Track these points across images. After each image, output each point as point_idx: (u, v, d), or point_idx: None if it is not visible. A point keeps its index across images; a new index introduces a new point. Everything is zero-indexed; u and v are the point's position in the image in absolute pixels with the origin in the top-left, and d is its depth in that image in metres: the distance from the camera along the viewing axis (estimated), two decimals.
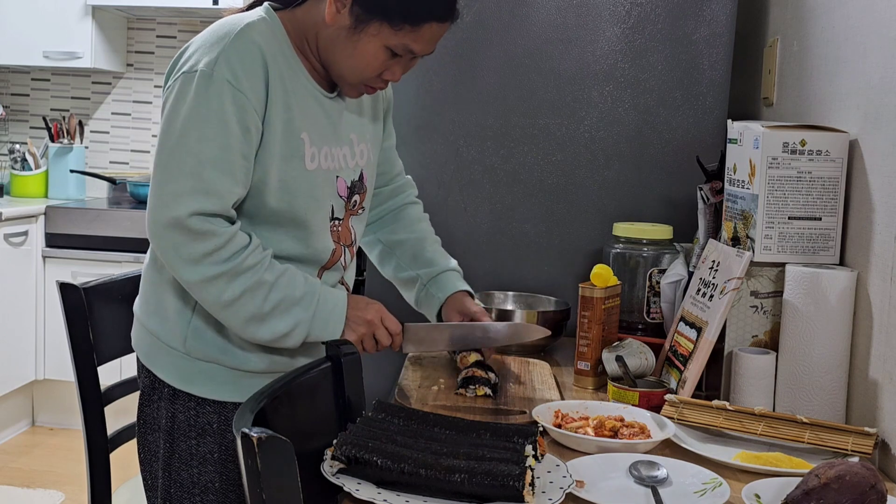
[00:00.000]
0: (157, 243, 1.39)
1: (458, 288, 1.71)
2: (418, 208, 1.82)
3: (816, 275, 1.46)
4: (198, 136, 1.36)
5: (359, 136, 1.59)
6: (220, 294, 1.39)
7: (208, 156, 1.36)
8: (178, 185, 1.36)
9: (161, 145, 1.39)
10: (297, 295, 1.43)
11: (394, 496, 1.08)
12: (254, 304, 1.40)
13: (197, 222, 1.35)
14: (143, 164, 4.41)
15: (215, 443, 1.50)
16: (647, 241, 1.95)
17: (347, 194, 1.56)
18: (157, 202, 1.38)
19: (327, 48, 1.46)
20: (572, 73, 2.15)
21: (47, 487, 3.28)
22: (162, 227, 1.37)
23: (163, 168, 1.38)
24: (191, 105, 1.36)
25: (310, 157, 1.47)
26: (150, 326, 1.52)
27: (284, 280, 1.42)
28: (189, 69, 1.38)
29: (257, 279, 1.39)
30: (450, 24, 1.46)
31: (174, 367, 1.50)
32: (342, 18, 1.42)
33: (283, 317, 1.42)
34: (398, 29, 1.40)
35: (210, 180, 1.36)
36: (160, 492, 1.53)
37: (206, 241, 1.36)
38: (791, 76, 1.95)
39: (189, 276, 1.38)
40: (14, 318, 3.67)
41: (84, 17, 3.97)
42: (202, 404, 1.50)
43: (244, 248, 1.39)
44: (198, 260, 1.37)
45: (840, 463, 1.08)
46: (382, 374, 2.03)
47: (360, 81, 1.48)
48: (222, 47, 1.37)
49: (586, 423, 1.40)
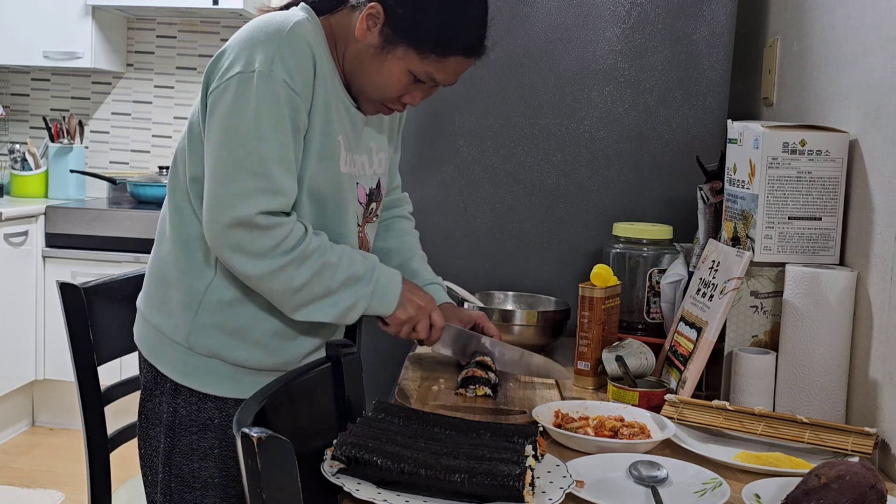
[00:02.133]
0: (220, 242, 1.39)
1: (443, 300, 1.73)
2: (410, 224, 1.84)
3: (816, 275, 1.46)
4: (260, 136, 1.37)
5: (378, 146, 1.61)
6: (291, 280, 1.42)
7: (272, 155, 1.37)
8: (245, 185, 1.37)
9: (221, 146, 1.38)
10: (359, 272, 1.47)
11: (394, 496, 1.08)
12: (322, 285, 1.44)
13: (263, 220, 1.37)
14: (143, 164, 4.42)
15: (216, 438, 1.50)
16: (647, 241, 1.95)
17: (366, 201, 1.59)
18: (220, 203, 1.38)
19: (353, 62, 1.48)
20: (572, 73, 2.15)
21: (47, 487, 3.28)
22: (225, 226, 1.37)
23: (224, 169, 1.38)
24: (251, 106, 1.36)
25: (344, 160, 1.49)
26: (153, 321, 1.53)
27: (346, 259, 1.46)
28: (244, 69, 1.38)
29: (323, 262, 1.43)
30: (475, 60, 1.48)
31: (177, 362, 1.51)
32: (372, 37, 1.44)
33: (347, 293, 1.46)
34: (424, 57, 1.43)
35: (277, 179, 1.38)
36: (160, 486, 1.53)
37: (271, 236, 1.38)
38: (791, 76, 1.95)
39: (256, 270, 1.40)
40: (14, 318, 3.67)
41: (84, 17, 3.97)
42: (204, 399, 1.50)
43: (304, 234, 1.42)
44: (266, 253, 1.39)
45: (840, 463, 1.08)
46: (382, 375, 2.03)
47: (380, 100, 1.50)
48: (277, 45, 1.38)
49: (586, 423, 1.40)
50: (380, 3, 1.42)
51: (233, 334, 1.49)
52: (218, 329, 1.49)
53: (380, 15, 1.42)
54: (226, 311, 1.49)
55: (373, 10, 1.42)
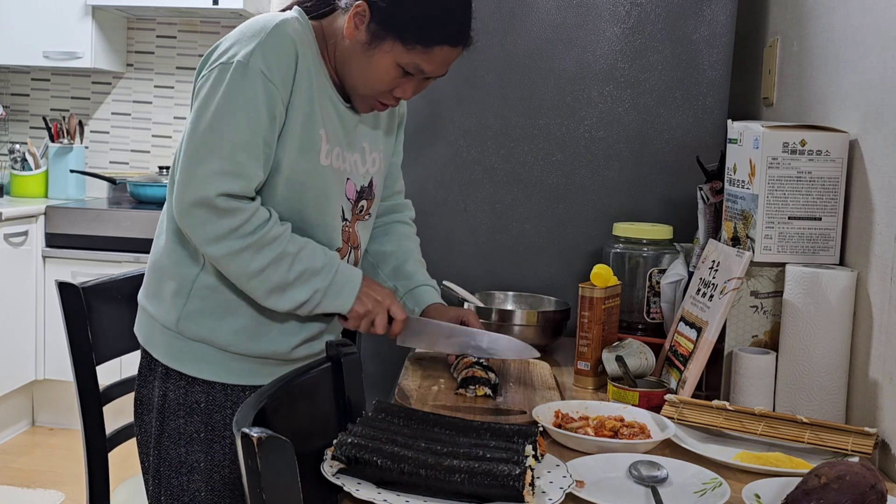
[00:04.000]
0: (184, 220, 1.45)
1: (434, 301, 1.73)
2: (410, 229, 1.85)
3: (816, 275, 1.46)
4: (231, 122, 1.42)
5: (371, 146, 1.64)
6: (247, 265, 1.45)
7: (240, 140, 1.42)
8: (210, 167, 1.41)
9: (193, 129, 1.44)
10: (317, 266, 1.49)
11: (394, 496, 1.08)
12: (278, 274, 1.46)
13: (223, 201, 1.42)
14: (143, 164, 4.41)
15: (202, 422, 1.54)
16: (647, 241, 1.95)
17: (356, 198, 1.61)
18: (188, 182, 1.43)
19: (343, 60, 1.52)
20: (572, 73, 2.15)
21: (47, 487, 3.28)
22: (189, 205, 1.42)
23: (194, 150, 1.43)
24: (225, 93, 1.42)
25: (325, 153, 1.52)
26: (148, 309, 1.58)
27: (306, 252, 1.48)
28: (226, 60, 1.44)
29: (281, 251, 1.46)
30: (462, 49, 1.51)
31: (167, 346, 1.55)
32: (360, 34, 1.48)
33: (303, 286, 1.48)
34: (410, 48, 1.46)
35: (240, 163, 1.42)
36: (151, 471, 1.58)
37: (231, 218, 1.42)
38: (791, 76, 1.95)
39: (216, 251, 1.44)
40: (14, 318, 3.67)
41: (84, 17, 3.97)
42: (192, 383, 1.54)
43: (266, 221, 1.45)
44: (224, 235, 1.43)
45: (840, 463, 1.08)
46: (382, 374, 2.03)
47: (372, 95, 1.53)
48: (259, 40, 1.43)
49: (586, 423, 1.40)
50: (365, 1, 1.46)
51: (220, 318, 1.53)
52: (206, 314, 1.53)
53: (366, 12, 1.46)
54: (213, 296, 1.53)
55: (359, 9, 1.46)
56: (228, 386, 1.55)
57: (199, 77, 1.48)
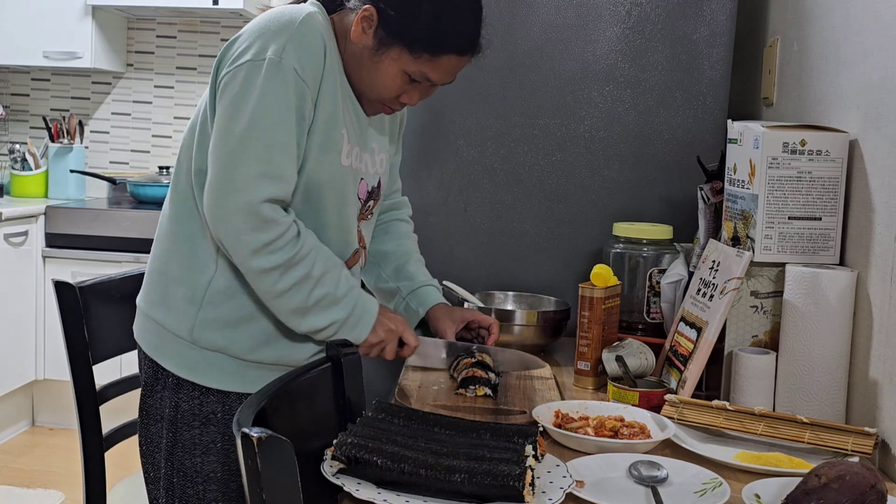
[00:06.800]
0: (221, 227, 1.40)
1: (438, 301, 1.74)
2: (408, 227, 1.85)
3: (816, 275, 1.46)
4: (267, 122, 1.38)
5: (379, 147, 1.63)
6: (273, 285, 1.43)
7: (277, 142, 1.39)
8: (249, 171, 1.38)
9: (228, 131, 1.39)
10: (338, 294, 1.47)
11: (394, 496, 1.08)
12: (300, 298, 1.44)
13: (267, 210, 1.39)
14: (143, 164, 4.41)
15: (219, 432, 1.51)
16: (647, 241, 1.95)
17: (365, 198, 1.59)
18: (228, 186, 1.39)
19: (351, 63, 1.50)
20: (572, 73, 2.15)
21: (47, 487, 3.28)
22: (231, 211, 1.38)
23: (231, 153, 1.39)
24: (260, 92, 1.38)
25: (346, 153, 1.49)
26: (155, 317, 1.53)
27: (329, 277, 1.46)
28: (254, 57, 1.40)
29: (306, 272, 1.43)
30: (469, 58, 1.49)
31: (179, 357, 1.51)
32: (367, 38, 1.46)
33: (322, 314, 1.46)
34: (417, 57, 1.45)
35: (279, 165, 1.39)
36: (163, 482, 1.53)
37: (267, 231, 1.39)
38: (791, 76, 1.95)
39: (248, 265, 1.42)
40: (14, 318, 3.67)
41: (84, 17, 3.97)
42: (206, 394, 1.51)
43: (296, 237, 1.43)
44: (257, 250, 1.40)
45: (840, 463, 1.08)
46: (382, 374, 2.03)
47: (378, 100, 1.52)
48: (289, 35, 1.40)
49: (586, 423, 1.40)
50: (373, 6, 1.43)
51: (236, 327, 1.50)
52: (222, 323, 1.49)
53: (373, 17, 1.44)
54: (228, 303, 1.49)
55: (367, 13, 1.44)
56: (244, 395, 1.50)
57: (224, 74, 1.43)
